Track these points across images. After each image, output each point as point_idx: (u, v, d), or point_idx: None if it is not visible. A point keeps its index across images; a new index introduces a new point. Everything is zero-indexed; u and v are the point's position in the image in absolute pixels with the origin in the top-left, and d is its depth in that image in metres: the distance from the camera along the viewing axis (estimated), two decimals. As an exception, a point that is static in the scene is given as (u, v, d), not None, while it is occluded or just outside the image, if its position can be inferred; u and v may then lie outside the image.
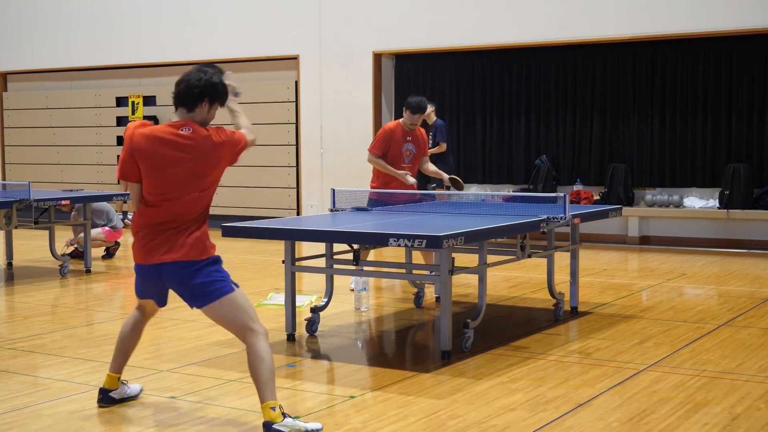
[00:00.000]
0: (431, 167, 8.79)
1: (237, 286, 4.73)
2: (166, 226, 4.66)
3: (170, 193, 4.65)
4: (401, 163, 8.45)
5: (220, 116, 4.80)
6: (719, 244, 12.16)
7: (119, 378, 5.10)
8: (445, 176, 8.67)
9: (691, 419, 4.83)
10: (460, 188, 8.67)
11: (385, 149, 8.39)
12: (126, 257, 11.67)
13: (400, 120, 8.52)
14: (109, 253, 11.25)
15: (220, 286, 4.66)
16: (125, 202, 11.00)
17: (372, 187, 8.53)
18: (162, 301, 4.97)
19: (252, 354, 4.60)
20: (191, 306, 4.79)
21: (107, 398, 5.07)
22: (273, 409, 4.49)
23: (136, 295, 4.99)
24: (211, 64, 4.83)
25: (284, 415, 4.51)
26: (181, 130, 4.65)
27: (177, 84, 4.72)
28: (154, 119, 15.42)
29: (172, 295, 4.94)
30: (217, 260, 4.75)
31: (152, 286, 4.85)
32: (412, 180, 8.43)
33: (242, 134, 4.83)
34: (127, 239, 13.43)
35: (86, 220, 10.26)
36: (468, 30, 13.16)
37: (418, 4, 13.51)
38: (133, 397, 5.17)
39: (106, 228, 11.02)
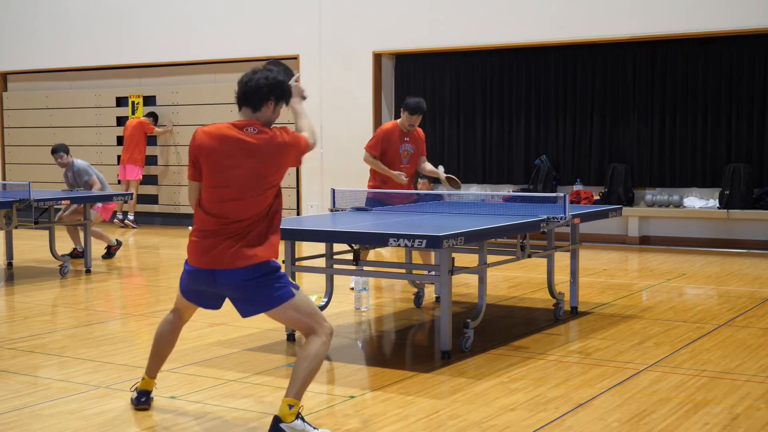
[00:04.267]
0: (428, 166, 8.78)
1: (297, 288, 4.62)
2: (225, 229, 4.51)
3: (231, 194, 4.51)
4: (399, 164, 8.45)
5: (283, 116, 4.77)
6: (719, 244, 12.16)
7: (154, 380, 5.09)
8: (442, 175, 8.66)
9: (691, 419, 4.83)
10: (458, 187, 8.66)
11: (382, 150, 8.40)
12: (126, 257, 11.68)
13: (398, 120, 8.52)
14: (110, 253, 11.21)
15: (280, 293, 4.53)
16: (125, 202, 10.98)
17: (369, 187, 8.53)
18: (215, 305, 4.78)
19: (302, 349, 4.53)
20: (243, 315, 4.64)
21: (148, 400, 5.04)
22: (290, 407, 4.43)
23: (181, 296, 4.83)
24: (276, 62, 4.74)
25: (299, 417, 4.45)
26: (246, 130, 4.55)
27: (242, 83, 4.60)
28: (153, 116, 15.39)
29: (172, 295, 4.93)
30: (276, 268, 4.59)
31: (204, 289, 4.69)
32: (405, 180, 8.43)
33: (305, 136, 4.73)
34: (128, 238, 13.43)
35: (86, 220, 10.26)
36: (468, 30, 13.16)
37: (418, 4, 13.51)
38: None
39: (98, 205, 10.81)
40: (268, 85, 4.57)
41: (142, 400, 5.03)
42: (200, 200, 4.63)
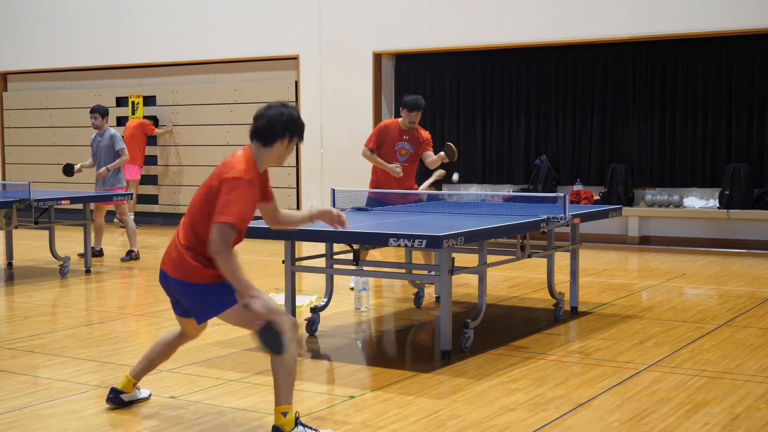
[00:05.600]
0: (433, 158, 8.64)
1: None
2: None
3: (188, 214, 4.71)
4: (394, 161, 8.48)
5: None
6: (719, 244, 12.16)
7: (135, 384, 5.07)
8: (441, 153, 8.58)
9: (691, 419, 4.83)
10: (453, 154, 8.57)
11: (377, 143, 8.45)
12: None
13: (399, 119, 8.54)
14: (130, 257, 11.08)
15: (232, 295, 4.49)
16: (126, 202, 10.98)
17: (370, 182, 8.59)
18: (179, 310, 4.78)
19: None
20: (199, 319, 4.64)
21: (117, 399, 5.03)
22: (285, 414, 4.40)
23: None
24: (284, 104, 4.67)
25: (298, 422, 4.42)
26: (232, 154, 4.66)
27: (256, 119, 4.60)
28: (154, 119, 15.43)
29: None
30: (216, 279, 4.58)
31: (170, 295, 4.79)
32: (399, 172, 8.41)
33: (224, 220, 4.38)
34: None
35: (87, 220, 10.27)
36: (468, 30, 13.15)
37: (418, 4, 13.51)
38: (141, 400, 5.13)
39: (121, 199, 10.75)
40: (283, 123, 4.58)
41: (110, 396, 5.02)
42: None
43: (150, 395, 5.21)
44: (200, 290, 4.52)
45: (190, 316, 4.72)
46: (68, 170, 11.24)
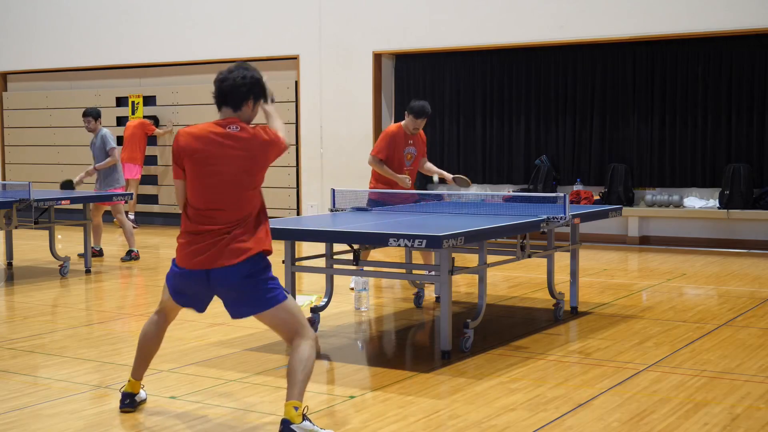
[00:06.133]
0: (433, 167, 8.79)
1: (288, 292, 4.69)
2: (214, 228, 4.53)
3: (218, 194, 4.54)
4: (403, 167, 8.47)
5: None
6: (719, 244, 12.16)
7: (140, 383, 5.06)
8: (449, 176, 8.67)
9: (691, 419, 4.83)
10: (467, 185, 8.68)
11: (389, 153, 8.41)
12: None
13: (402, 123, 8.52)
14: (130, 257, 11.09)
15: (274, 294, 4.58)
16: (126, 202, 10.98)
17: (371, 188, 8.54)
18: (202, 308, 4.81)
19: (295, 353, 4.54)
20: (234, 316, 4.67)
21: (133, 402, 5.02)
22: (296, 408, 4.44)
23: (171, 299, 4.84)
24: (246, 63, 4.72)
25: (305, 417, 4.46)
26: (229, 128, 4.57)
27: (219, 81, 4.62)
28: (155, 119, 15.43)
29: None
30: (269, 266, 4.64)
31: (195, 289, 4.70)
32: (410, 184, 8.46)
33: (282, 137, 4.75)
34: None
35: (87, 220, 10.27)
36: (468, 30, 13.15)
37: (418, 4, 13.51)
38: (143, 401, 5.13)
39: (117, 198, 10.73)
40: (245, 84, 4.61)
41: (126, 402, 5.00)
42: (187, 201, 4.65)
43: (146, 396, 5.19)
44: (262, 279, 4.57)
45: (203, 309, 4.79)
46: (68, 186, 11.27)
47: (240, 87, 4.60)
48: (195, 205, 4.60)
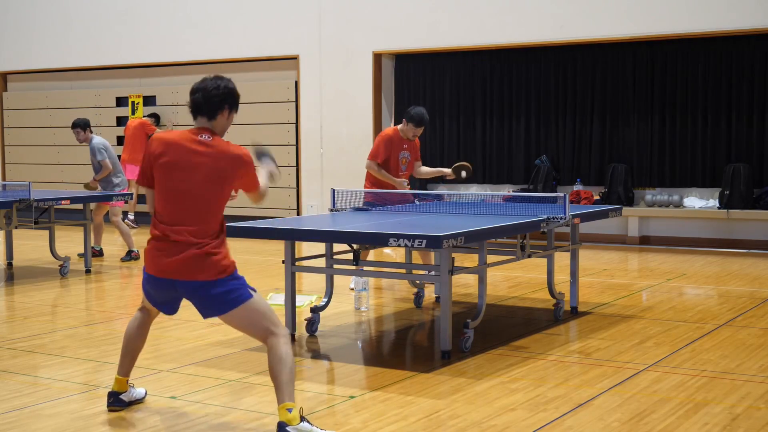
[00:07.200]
0: (429, 169, 8.82)
1: (254, 290, 4.65)
2: (179, 239, 4.56)
3: (184, 202, 4.58)
4: (398, 171, 8.50)
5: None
6: (719, 244, 12.16)
7: (127, 381, 5.06)
8: (447, 170, 8.66)
9: (691, 419, 4.83)
10: (469, 171, 8.65)
11: (386, 157, 8.43)
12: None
13: (398, 127, 8.53)
14: (130, 257, 11.08)
15: (237, 294, 4.58)
16: (126, 202, 10.98)
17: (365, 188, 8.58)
18: (172, 311, 4.87)
19: (272, 355, 4.54)
20: (205, 316, 4.73)
21: (118, 401, 5.02)
22: (290, 410, 4.42)
23: (145, 298, 4.89)
24: (220, 75, 4.78)
25: (303, 418, 4.44)
26: (201, 137, 4.62)
27: (193, 92, 4.68)
28: (155, 116, 15.39)
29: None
30: (233, 271, 4.64)
31: (164, 296, 4.76)
32: (407, 187, 8.47)
33: (260, 179, 4.81)
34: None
35: (87, 220, 10.27)
36: (468, 30, 13.15)
37: (418, 4, 13.51)
38: (139, 401, 5.13)
39: (115, 201, 10.69)
40: (219, 94, 4.65)
41: (111, 401, 5.01)
42: (155, 208, 4.70)
43: (146, 393, 5.20)
44: (219, 286, 4.57)
45: (174, 312, 4.86)
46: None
47: (213, 97, 4.64)
48: (161, 211, 4.65)
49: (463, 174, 8.65)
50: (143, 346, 5.07)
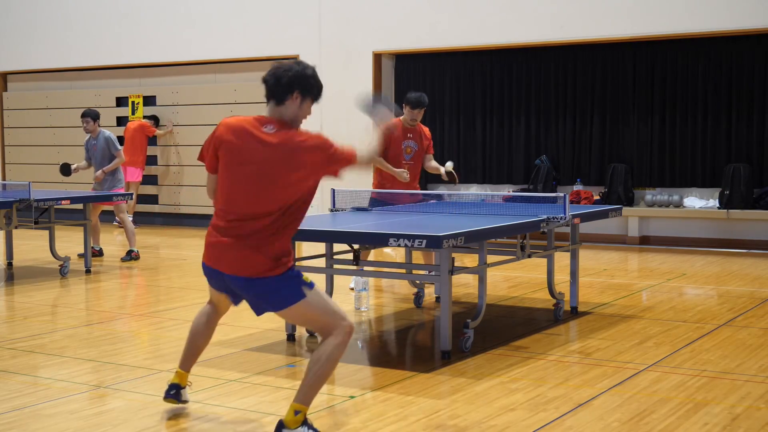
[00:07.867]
0: (433, 164, 8.74)
1: (311, 287, 4.41)
2: (233, 230, 4.33)
3: (240, 191, 4.34)
4: (401, 160, 8.44)
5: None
6: (719, 244, 12.16)
7: (188, 377, 4.99)
8: (442, 169, 8.63)
9: (691, 419, 4.83)
10: (454, 181, 8.71)
11: (385, 146, 8.39)
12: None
13: (401, 117, 8.52)
14: (130, 257, 11.06)
15: (291, 292, 4.34)
16: (126, 202, 10.98)
17: (374, 186, 8.54)
18: (236, 300, 4.64)
19: (316, 350, 4.40)
20: (258, 313, 4.50)
21: (178, 395, 4.94)
22: (297, 413, 4.34)
23: (210, 289, 4.75)
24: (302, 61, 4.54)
25: (305, 424, 4.36)
26: (265, 128, 4.37)
27: (265, 75, 4.43)
28: (154, 118, 15.41)
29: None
30: (286, 269, 4.37)
31: (219, 285, 4.55)
32: (407, 177, 8.41)
33: (350, 149, 4.46)
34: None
35: (87, 220, 10.26)
36: (468, 30, 13.16)
37: (418, 4, 13.51)
38: (184, 402, 5.03)
39: (120, 199, 10.68)
40: (289, 77, 4.38)
41: (171, 393, 4.94)
42: (216, 196, 4.50)
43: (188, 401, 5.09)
44: (274, 282, 4.33)
45: (237, 302, 4.64)
46: (65, 170, 11.24)
47: (282, 78, 4.37)
48: (219, 199, 4.46)
49: (448, 178, 8.67)
50: (208, 342, 4.96)
